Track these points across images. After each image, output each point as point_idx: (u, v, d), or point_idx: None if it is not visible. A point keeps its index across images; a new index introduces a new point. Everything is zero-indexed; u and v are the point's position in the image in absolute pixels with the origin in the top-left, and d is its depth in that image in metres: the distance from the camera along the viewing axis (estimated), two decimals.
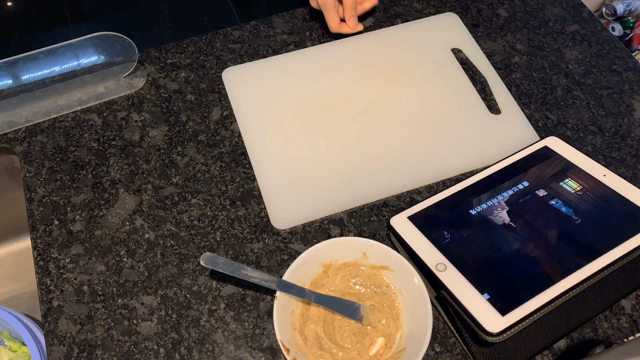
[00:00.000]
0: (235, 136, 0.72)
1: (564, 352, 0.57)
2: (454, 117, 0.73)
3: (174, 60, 0.80)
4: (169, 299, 0.61)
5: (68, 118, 0.74)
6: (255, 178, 0.69)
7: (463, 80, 0.77)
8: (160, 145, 0.72)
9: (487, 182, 0.65)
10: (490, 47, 0.81)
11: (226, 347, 0.58)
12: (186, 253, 0.64)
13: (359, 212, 0.66)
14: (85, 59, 0.78)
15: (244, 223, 0.66)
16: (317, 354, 0.55)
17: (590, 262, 0.55)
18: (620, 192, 0.60)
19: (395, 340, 0.56)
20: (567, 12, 0.85)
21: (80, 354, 0.58)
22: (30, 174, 0.70)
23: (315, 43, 0.81)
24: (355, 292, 0.59)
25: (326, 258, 0.59)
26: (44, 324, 0.60)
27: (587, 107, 0.75)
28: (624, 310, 0.60)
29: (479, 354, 0.55)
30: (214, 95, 0.76)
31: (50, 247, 0.64)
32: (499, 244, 0.58)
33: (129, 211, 0.67)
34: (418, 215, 0.62)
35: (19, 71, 0.76)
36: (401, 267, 0.57)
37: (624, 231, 0.57)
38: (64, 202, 0.67)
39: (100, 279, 0.62)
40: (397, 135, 0.71)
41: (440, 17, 0.84)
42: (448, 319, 0.58)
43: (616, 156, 0.71)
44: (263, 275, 0.55)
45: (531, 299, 0.52)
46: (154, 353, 0.58)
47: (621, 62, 0.80)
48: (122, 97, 0.76)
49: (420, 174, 0.68)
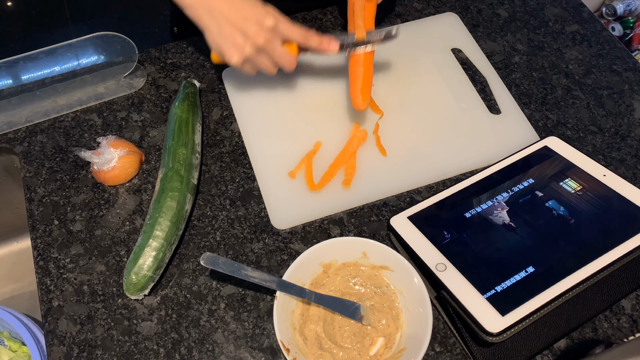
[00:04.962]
0: (235, 136, 0.72)
1: (564, 352, 0.57)
2: (454, 117, 0.73)
3: (174, 60, 0.80)
4: (169, 299, 0.61)
5: (68, 118, 0.74)
6: (255, 178, 0.69)
7: (463, 80, 0.77)
8: (160, 145, 0.72)
9: (487, 182, 0.65)
10: (490, 47, 0.81)
11: (226, 347, 0.58)
12: (186, 253, 0.64)
13: (359, 212, 0.66)
14: (85, 59, 0.78)
15: (244, 223, 0.66)
16: (317, 354, 0.55)
17: (590, 262, 0.55)
18: (620, 192, 0.60)
19: (395, 340, 0.56)
20: (567, 12, 0.85)
21: (80, 354, 0.58)
22: (30, 174, 0.70)
23: None
24: (355, 292, 0.59)
25: (326, 258, 0.59)
26: (44, 324, 0.60)
27: (587, 107, 0.75)
28: (624, 310, 0.60)
29: (479, 354, 0.55)
30: (214, 95, 0.76)
31: (50, 247, 0.64)
32: (499, 244, 0.58)
33: (129, 211, 0.67)
34: (418, 215, 0.62)
35: (19, 71, 0.76)
36: (401, 267, 0.57)
37: (624, 231, 0.57)
38: (64, 202, 0.67)
39: (100, 279, 0.62)
40: (397, 135, 0.71)
41: (440, 17, 0.84)
42: (448, 319, 0.58)
43: (616, 156, 0.71)
44: (263, 275, 0.55)
45: (531, 299, 0.52)
46: (154, 353, 0.58)
47: (621, 62, 0.80)
48: (122, 97, 0.76)
49: (420, 174, 0.68)
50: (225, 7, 0.60)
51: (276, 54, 0.63)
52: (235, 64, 0.63)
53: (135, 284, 0.58)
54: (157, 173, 0.68)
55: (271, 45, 0.62)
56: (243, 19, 0.60)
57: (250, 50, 0.61)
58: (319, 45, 0.64)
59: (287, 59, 0.64)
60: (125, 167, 0.66)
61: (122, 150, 0.66)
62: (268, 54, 0.63)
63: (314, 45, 0.64)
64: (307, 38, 0.63)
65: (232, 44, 0.61)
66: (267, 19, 0.60)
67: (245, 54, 0.61)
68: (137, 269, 0.58)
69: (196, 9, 0.61)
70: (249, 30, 0.60)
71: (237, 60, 0.62)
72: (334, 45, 0.65)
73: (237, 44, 0.61)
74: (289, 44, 0.64)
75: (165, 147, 0.66)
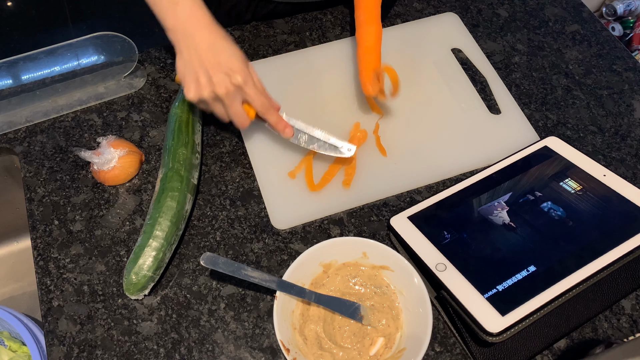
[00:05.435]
0: (235, 136, 0.72)
1: (564, 352, 0.57)
2: (454, 117, 0.73)
3: (174, 60, 0.79)
4: (169, 299, 0.61)
5: (68, 118, 0.74)
6: (255, 178, 0.69)
7: (463, 80, 0.77)
8: (160, 145, 0.72)
9: (487, 182, 0.65)
10: (490, 47, 0.81)
11: (226, 347, 0.58)
12: (186, 253, 0.64)
13: (359, 212, 0.66)
14: (85, 59, 0.78)
15: (244, 223, 0.66)
16: (317, 354, 0.55)
17: (590, 262, 0.55)
18: (620, 192, 0.60)
19: (395, 340, 0.56)
20: (567, 12, 0.85)
21: (80, 354, 0.58)
22: (30, 174, 0.70)
23: (315, 43, 0.81)
24: (355, 292, 0.59)
25: (326, 258, 0.59)
26: (44, 324, 0.60)
27: (587, 107, 0.75)
28: (624, 310, 0.60)
29: (479, 354, 0.55)
30: None
31: (50, 247, 0.64)
32: (499, 244, 0.58)
33: (129, 211, 0.67)
34: (418, 215, 0.62)
35: (19, 71, 0.76)
36: (401, 267, 0.57)
37: (624, 231, 0.57)
38: (64, 202, 0.67)
39: (100, 279, 0.62)
40: (397, 135, 0.71)
41: (440, 17, 0.84)
42: (448, 319, 0.58)
43: (616, 156, 0.71)
44: (263, 275, 0.55)
45: (531, 299, 0.52)
46: (154, 353, 0.58)
47: (621, 62, 0.80)
48: (122, 97, 0.76)
49: (420, 174, 0.68)
50: (204, 44, 0.59)
51: (231, 110, 0.61)
52: (190, 99, 0.61)
53: (135, 284, 0.58)
54: (157, 173, 0.68)
55: (230, 100, 0.60)
56: (215, 63, 0.58)
57: (208, 94, 0.60)
58: (275, 124, 0.64)
59: (241, 119, 0.63)
60: (125, 167, 0.66)
61: (122, 150, 0.66)
62: (224, 106, 0.61)
63: (271, 122, 0.64)
64: (267, 111, 0.63)
65: (195, 79, 0.59)
66: (236, 75, 0.59)
67: (201, 95, 0.60)
68: (137, 269, 0.58)
69: (176, 34, 0.60)
70: (214, 77, 0.58)
71: (192, 97, 0.60)
72: (289, 132, 0.65)
73: (199, 82, 0.59)
74: (249, 105, 0.63)
75: (165, 147, 0.66)
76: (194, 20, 0.59)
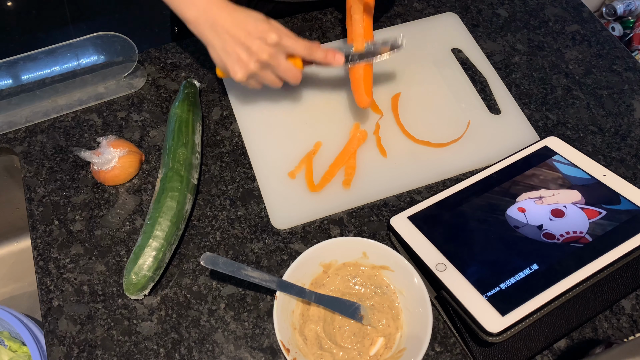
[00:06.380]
0: (235, 136, 0.72)
1: (564, 352, 0.57)
2: (454, 117, 0.73)
3: (174, 60, 0.80)
4: (169, 299, 0.61)
5: (68, 118, 0.74)
6: (255, 178, 0.69)
7: (463, 80, 0.77)
8: (160, 145, 0.72)
9: (487, 182, 0.64)
10: (490, 47, 0.81)
11: (226, 347, 0.58)
12: (186, 253, 0.64)
13: (359, 212, 0.66)
14: (85, 59, 0.78)
15: (244, 223, 0.66)
16: (317, 354, 0.55)
17: (590, 262, 0.55)
18: (620, 192, 0.60)
19: (395, 340, 0.56)
20: (567, 12, 0.85)
21: (80, 354, 0.58)
22: (30, 174, 0.70)
23: None
24: (355, 292, 0.59)
25: (326, 258, 0.59)
26: (44, 324, 0.60)
27: (587, 107, 0.75)
28: (624, 310, 0.60)
29: (479, 354, 0.55)
30: (214, 95, 0.76)
31: (50, 247, 0.64)
32: (499, 244, 0.58)
33: (129, 211, 0.67)
34: (418, 215, 0.62)
35: (19, 71, 0.76)
36: (401, 267, 0.57)
37: (624, 231, 0.57)
38: (64, 202, 0.67)
39: (100, 279, 0.62)
40: (398, 135, 0.71)
41: (440, 17, 0.84)
42: (448, 319, 0.58)
43: (616, 156, 0.71)
44: (263, 275, 0.55)
45: (531, 299, 0.52)
46: (154, 353, 0.58)
47: (621, 62, 0.80)
48: (122, 97, 0.76)
49: (420, 174, 0.68)
50: (228, 23, 0.59)
51: (281, 68, 0.62)
52: (240, 80, 0.62)
53: (135, 284, 0.58)
54: (157, 173, 0.68)
55: (275, 60, 0.61)
56: (246, 34, 0.59)
57: (255, 66, 0.61)
58: (323, 58, 0.64)
59: (292, 73, 0.63)
60: (125, 167, 0.66)
61: (122, 150, 0.66)
62: (273, 69, 0.62)
63: (319, 59, 0.63)
64: (311, 52, 0.63)
65: (236, 60, 0.60)
66: (270, 34, 0.59)
67: (249, 70, 0.61)
68: (137, 269, 0.58)
69: (199, 25, 0.60)
70: (252, 46, 0.59)
71: (241, 76, 0.61)
72: (339, 58, 0.64)
73: (241, 60, 0.60)
74: (293, 58, 0.63)
75: (165, 147, 0.66)
76: (212, 5, 0.60)
